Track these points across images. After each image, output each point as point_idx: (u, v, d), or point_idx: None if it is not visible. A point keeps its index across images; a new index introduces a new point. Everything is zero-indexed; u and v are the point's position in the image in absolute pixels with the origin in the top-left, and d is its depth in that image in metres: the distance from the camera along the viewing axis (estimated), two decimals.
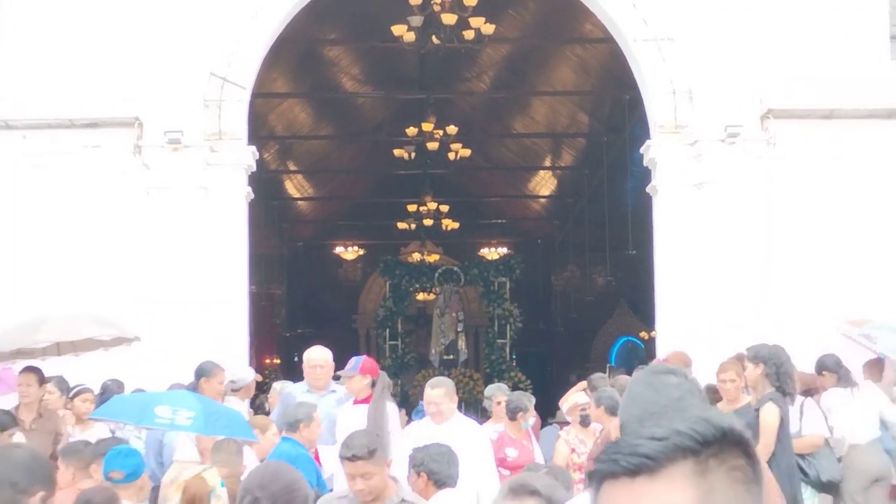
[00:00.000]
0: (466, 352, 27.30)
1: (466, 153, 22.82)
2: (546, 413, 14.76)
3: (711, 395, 7.92)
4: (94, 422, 9.63)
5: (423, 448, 6.40)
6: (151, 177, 12.58)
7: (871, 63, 12.69)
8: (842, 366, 10.24)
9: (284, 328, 30.36)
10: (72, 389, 10.33)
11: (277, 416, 9.25)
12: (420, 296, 27.99)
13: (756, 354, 7.94)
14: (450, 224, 26.89)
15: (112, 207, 12.52)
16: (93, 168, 12.56)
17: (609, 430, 8.05)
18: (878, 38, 12.85)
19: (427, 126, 21.50)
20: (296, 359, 18.99)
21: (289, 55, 19.49)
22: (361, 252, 31.00)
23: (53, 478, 3.55)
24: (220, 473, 6.12)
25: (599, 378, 11.22)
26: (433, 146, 21.87)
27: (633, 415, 3.31)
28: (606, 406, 8.31)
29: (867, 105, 12.58)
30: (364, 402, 8.93)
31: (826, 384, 10.14)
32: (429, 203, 26.08)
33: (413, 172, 25.23)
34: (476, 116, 26.06)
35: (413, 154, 22.91)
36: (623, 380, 10.88)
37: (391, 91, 24.38)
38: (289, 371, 23.44)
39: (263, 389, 14.71)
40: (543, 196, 31.45)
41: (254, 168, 13.30)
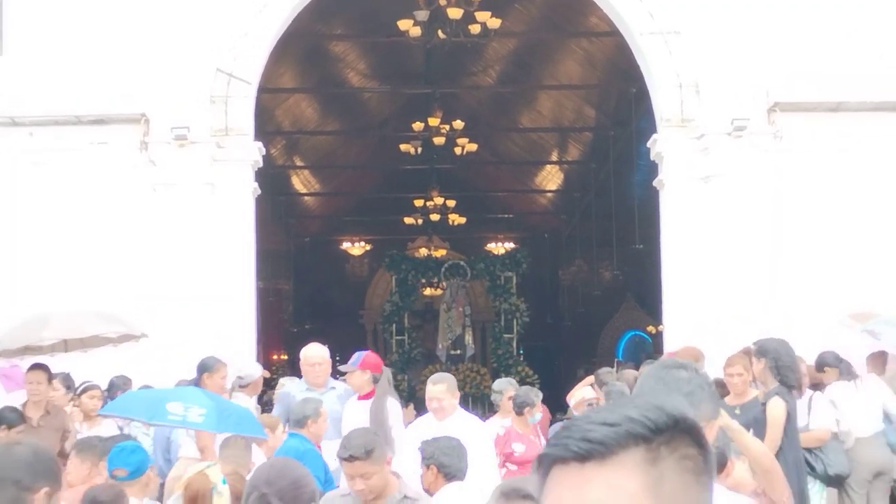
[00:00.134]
0: (473, 347, 27.23)
1: (473, 148, 22.77)
2: (555, 408, 14.75)
3: (719, 390, 7.90)
4: (102, 418, 9.65)
5: (433, 441, 6.37)
6: (158, 173, 12.57)
7: (878, 56, 12.66)
8: (841, 360, 10.21)
9: (291, 324, 30.34)
10: (79, 386, 10.35)
11: (281, 414, 9.25)
12: (427, 291, 27.94)
13: (760, 348, 7.92)
14: (456, 219, 26.83)
15: (119, 204, 12.52)
16: (99, 165, 12.57)
17: None
18: (885, 31, 12.80)
19: (433, 121, 21.46)
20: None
21: (295, 50, 19.48)
22: (368, 247, 31.00)
23: (58, 474, 3.54)
24: (228, 469, 6.12)
25: (607, 373, 11.20)
26: (440, 141, 21.83)
27: None
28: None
29: (874, 98, 12.54)
30: (368, 398, 8.95)
31: (829, 380, 10.12)
32: (435, 198, 26.03)
33: (419, 167, 25.18)
34: (482, 111, 26.01)
35: (419, 149, 22.86)
36: (630, 374, 10.89)
37: (397, 86, 24.35)
38: (296, 367, 23.38)
39: (271, 385, 14.70)
40: (550, 190, 31.39)
41: (260, 164, 13.29)
